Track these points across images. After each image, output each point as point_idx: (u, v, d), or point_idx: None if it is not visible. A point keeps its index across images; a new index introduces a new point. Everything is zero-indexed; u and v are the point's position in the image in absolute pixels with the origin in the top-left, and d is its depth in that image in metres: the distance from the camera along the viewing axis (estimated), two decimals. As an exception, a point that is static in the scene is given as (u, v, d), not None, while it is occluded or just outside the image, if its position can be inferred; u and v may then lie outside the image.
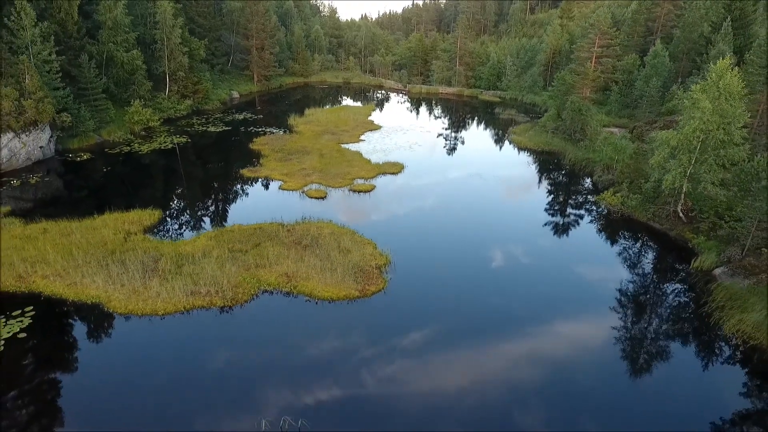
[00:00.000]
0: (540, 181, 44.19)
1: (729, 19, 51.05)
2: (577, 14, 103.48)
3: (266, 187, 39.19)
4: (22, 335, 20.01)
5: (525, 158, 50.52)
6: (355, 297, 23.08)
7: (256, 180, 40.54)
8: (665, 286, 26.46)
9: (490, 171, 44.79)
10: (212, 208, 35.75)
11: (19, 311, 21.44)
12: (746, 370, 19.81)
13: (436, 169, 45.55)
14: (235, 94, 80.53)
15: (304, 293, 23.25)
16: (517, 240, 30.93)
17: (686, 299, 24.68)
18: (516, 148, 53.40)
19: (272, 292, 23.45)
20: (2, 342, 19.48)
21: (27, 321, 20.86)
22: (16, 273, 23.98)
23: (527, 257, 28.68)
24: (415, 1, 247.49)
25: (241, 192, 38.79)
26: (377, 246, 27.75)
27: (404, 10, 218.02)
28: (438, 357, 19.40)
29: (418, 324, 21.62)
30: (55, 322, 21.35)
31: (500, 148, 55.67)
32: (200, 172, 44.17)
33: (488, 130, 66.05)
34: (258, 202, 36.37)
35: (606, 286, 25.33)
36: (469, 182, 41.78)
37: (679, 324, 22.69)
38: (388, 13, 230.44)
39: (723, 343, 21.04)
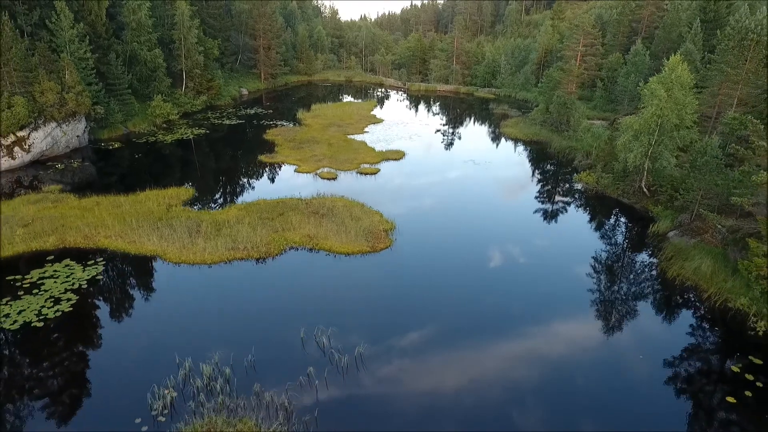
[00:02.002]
0: (527, 166, 49.04)
1: (699, 20, 55.84)
2: (570, 15, 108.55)
3: (283, 170, 43.98)
4: (100, 277, 24.78)
5: (515, 147, 55.38)
6: (367, 252, 27.91)
7: (273, 165, 45.34)
8: (630, 248, 31.14)
9: (482, 158, 49.55)
10: (238, 187, 40.53)
11: (92, 261, 26.20)
12: (685, 307, 24.55)
13: (433, 157, 50.42)
14: (244, 91, 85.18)
15: (324, 249, 28.05)
16: (505, 210, 35.90)
17: (645, 256, 29.41)
18: (507, 139, 58.20)
19: (297, 249, 28.24)
20: (85, 282, 24.23)
21: (100, 268, 25.62)
22: (83, 234, 28.70)
23: (512, 223, 33.54)
24: (413, 2, 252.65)
25: (261, 174, 43.56)
26: (383, 215, 32.57)
27: (403, 11, 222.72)
28: (437, 301, 24.23)
29: (418, 269, 26.47)
30: (123, 269, 26.14)
31: (493, 138, 60.43)
32: (222, 158, 48.87)
33: (482, 123, 70.84)
34: (277, 182, 41.10)
35: (582, 253, 29.65)
36: (463, 167, 46.57)
37: (639, 277, 27.44)
38: (387, 13, 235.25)
39: (668, 286, 25.77)
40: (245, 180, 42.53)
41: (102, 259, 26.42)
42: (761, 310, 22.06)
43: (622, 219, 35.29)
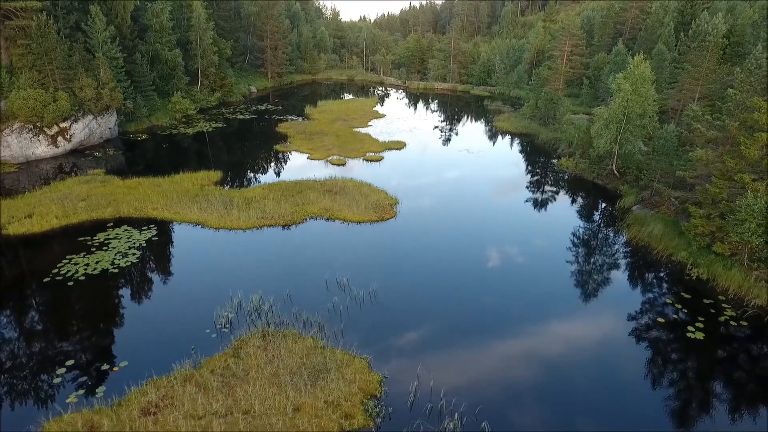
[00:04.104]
0: (516, 154, 54.25)
1: (672, 23, 61.08)
2: (563, 17, 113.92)
3: (297, 158, 49.11)
4: (155, 239, 29.89)
5: (506, 139, 60.57)
6: (376, 221, 33.09)
7: (287, 153, 50.48)
8: (601, 221, 36.36)
9: (476, 148, 54.73)
10: (259, 171, 45.65)
11: (146, 227, 31.29)
12: (639, 261, 29.71)
13: (431, 147, 55.62)
14: (253, 89, 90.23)
15: (339, 218, 33.21)
16: (494, 191, 41.12)
17: (612, 227, 34.59)
18: (499, 132, 63.40)
19: (316, 218, 33.38)
20: (144, 242, 29.32)
21: (154, 232, 30.69)
22: (133, 207, 33.80)
23: (499, 200, 38.75)
24: (411, 3, 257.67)
25: (277, 161, 48.68)
26: (388, 193, 37.74)
27: (402, 12, 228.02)
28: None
29: (418, 233, 31.68)
30: (173, 232, 31.25)
31: (486, 131, 65.58)
32: (241, 148, 53.92)
33: (477, 118, 76.00)
34: (293, 168, 46.16)
35: (561, 227, 34.85)
36: (458, 155, 51.72)
37: (610, 246, 32.62)
38: (386, 14, 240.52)
39: (627, 247, 30.99)
40: (264, 166, 47.65)
41: (154, 225, 31.51)
42: (696, 260, 27.24)
43: (596, 198, 40.48)
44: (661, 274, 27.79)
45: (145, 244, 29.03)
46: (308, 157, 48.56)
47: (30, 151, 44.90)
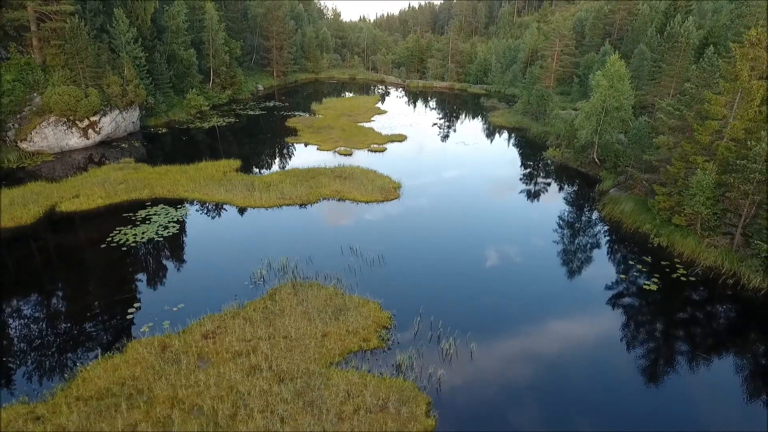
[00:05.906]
0: (508, 146, 58.64)
1: (654, 24, 65.54)
2: (559, 18, 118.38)
3: (307, 149, 53.43)
4: (191, 215, 34.23)
5: (499, 132, 65.01)
6: (381, 201, 37.47)
7: (298, 145, 54.81)
8: (583, 203, 40.81)
9: (472, 140, 59.14)
10: (274, 160, 50.01)
11: (180, 206, 35.63)
12: (611, 233, 34.13)
13: (430, 139, 59.99)
14: (260, 87, 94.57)
15: (349, 199, 37.58)
16: (486, 177, 45.51)
17: (590, 207, 39.08)
18: (494, 126, 67.82)
19: (329, 199, 37.74)
20: (181, 217, 33.64)
21: (188, 209, 35.04)
22: (166, 189, 38.10)
23: (491, 185, 43.16)
24: (410, 4, 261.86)
25: (290, 151, 53.02)
26: (392, 178, 42.11)
27: (401, 12, 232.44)
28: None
29: (418, 210, 36.06)
30: (204, 210, 35.58)
31: (481, 126, 69.98)
32: (254, 140, 58.19)
33: (473, 114, 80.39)
34: (304, 157, 50.46)
35: (549, 208, 39.49)
36: (455, 147, 56.13)
37: (589, 223, 37.10)
38: (385, 15, 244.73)
39: (602, 222, 35.44)
40: (278, 155, 52.00)
41: (187, 204, 35.87)
42: (658, 231, 31.66)
43: (579, 183, 44.91)
44: (628, 243, 32.20)
45: (182, 219, 33.37)
46: (317, 148, 52.90)
47: (64, 142, 49.16)
